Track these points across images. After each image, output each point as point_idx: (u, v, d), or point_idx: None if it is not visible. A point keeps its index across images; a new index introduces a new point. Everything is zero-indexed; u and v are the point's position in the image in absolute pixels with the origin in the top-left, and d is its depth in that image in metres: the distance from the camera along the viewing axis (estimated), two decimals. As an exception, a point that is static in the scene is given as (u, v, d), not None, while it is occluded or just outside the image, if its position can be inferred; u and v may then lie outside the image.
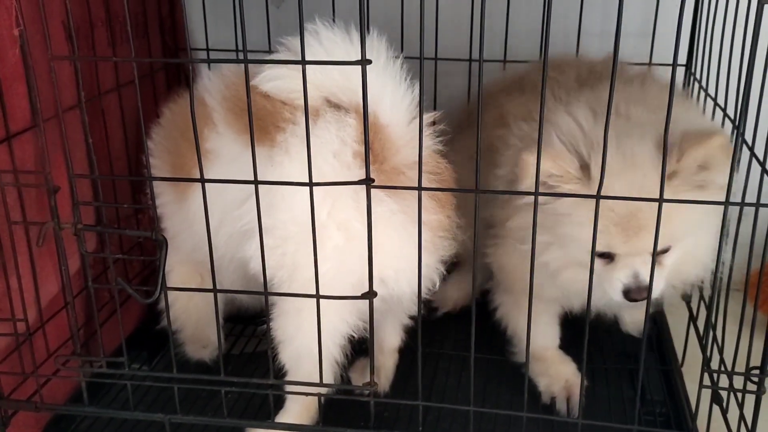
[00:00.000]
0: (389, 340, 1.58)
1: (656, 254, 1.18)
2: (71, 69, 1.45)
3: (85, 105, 1.21)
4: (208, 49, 1.95)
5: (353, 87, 1.19)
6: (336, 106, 1.25)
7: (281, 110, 1.26)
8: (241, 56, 1.09)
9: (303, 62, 1.08)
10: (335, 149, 1.22)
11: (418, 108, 1.16)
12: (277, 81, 1.23)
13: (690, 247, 1.35)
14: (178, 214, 1.45)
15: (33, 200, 1.39)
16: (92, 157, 1.24)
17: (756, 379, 1.19)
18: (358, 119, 1.22)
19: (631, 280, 1.30)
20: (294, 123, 1.24)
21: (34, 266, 1.38)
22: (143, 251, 1.80)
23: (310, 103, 1.11)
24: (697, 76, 1.74)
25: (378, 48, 1.22)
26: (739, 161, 1.28)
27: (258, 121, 1.23)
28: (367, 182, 1.14)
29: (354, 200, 1.22)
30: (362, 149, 1.16)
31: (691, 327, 1.64)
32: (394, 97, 1.22)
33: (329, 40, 1.21)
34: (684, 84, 1.84)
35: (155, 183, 1.26)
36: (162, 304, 1.43)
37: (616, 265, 1.32)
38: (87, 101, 1.56)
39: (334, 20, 1.22)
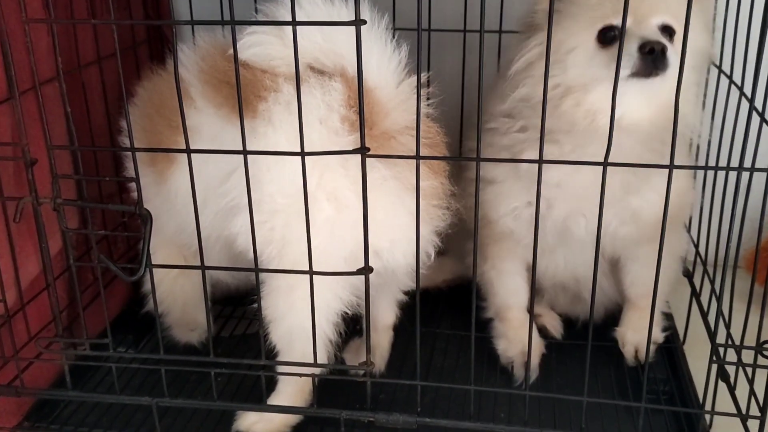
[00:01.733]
0: (384, 317, 1.52)
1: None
2: (49, 40, 1.38)
3: (64, 78, 1.14)
4: (192, 21, 1.88)
5: (338, 50, 1.15)
6: (319, 72, 1.19)
7: (261, 79, 1.21)
8: (227, 29, 1.04)
9: (294, 23, 1.02)
10: (322, 115, 1.17)
11: (416, 77, 1.12)
12: (256, 48, 1.18)
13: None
14: (159, 195, 1.38)
15: (11, 175, 1.32)
16: (71, 127, 1.17)
17: (768, 353, 1.15)
18: (343, 83, 1.18)
19: (645, 39, 1.23)
20: (276, 91, 1.19)
21: (13, 244, 1.31)
22: (127, 229, 1.74)
23: (291, 68, 1.06)
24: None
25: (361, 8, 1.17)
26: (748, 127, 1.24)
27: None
28: (362, 151, 1.09)
29: (343, 168, 1.17)
30: (350, 114, 1.13)
31: (694, 304, 1.60)
32: (380, 59, 1.18)
33: (310, 3, 1.15)
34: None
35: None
36: (147, 285, 1.41)
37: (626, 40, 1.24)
38: (66, 73, 1.50)
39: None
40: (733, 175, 1.14)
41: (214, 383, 1.31)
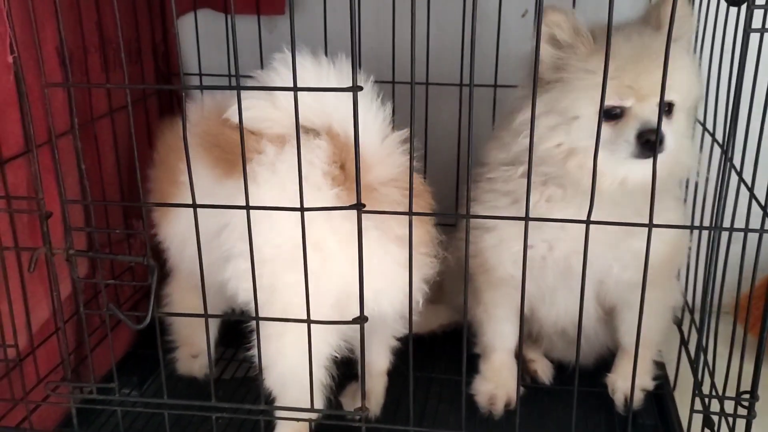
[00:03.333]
0: (377, 363, 1.57)
1: (663, 108, 1.18)
2: (65, 95, 1.46)
3: (78, 131, 1.21)
4: (201, 74, 1.96)
5: (325, 109, 1.23)
6: (304, 130, 1.26)
7: (247, 141, 1.25)
8: (233, 81, 1.11)
9: (295, 89, 1.09)
10: (304, 172, 1.20)
11: (400, 132, 1.23)
12: (248, 111, 1.23)
13: (682, 123, 1.38)
14: (174, 242, 1.48)
15: (24, 225, 1.39)
16: (84, 182, 1.24)
17: (746, 404, 1.19)
18: (327, 139, 1.26)
19: (645, 126, 1.30)
20: (259, 152, 1.26)
21: (26, 292, 1.37)
22: (134, 275, 1.80)
23: (278, 130, 1.17)
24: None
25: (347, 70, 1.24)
26: (727, 186, 1.30)
27: (228, 154, 1.26)
28: (358, 207, 1.15)
29: (327, 219, 1.23)
30: (332, 169, 1.22)
31: (683, 351, 1.64)
32: (365, 116, 1.23)
33: (301, 66, 1.21)
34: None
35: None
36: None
37: (627, 120, 1.33)
38: (80, 126, 1.58)
39: (326, 46, 1.24)
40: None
41: (216, 426, 1.36)
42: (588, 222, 1.14)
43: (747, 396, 1.19)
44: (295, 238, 1.19)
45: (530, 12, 1.89)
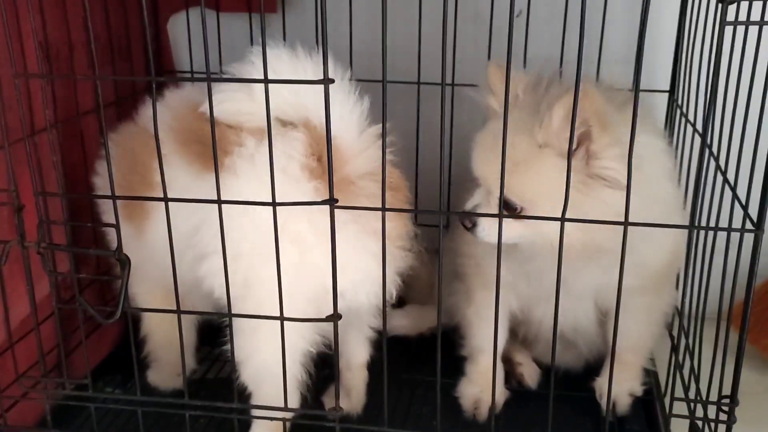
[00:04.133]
0: (356, 356, 1.55)
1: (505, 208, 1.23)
2: (49, 89, 1.46)
3: (63, 126, 1.21)
4: (192, 72, 1.96)
5: (303, 102, 1.22)
6: (281, 123, 1.26)
7: (227, 134, 1.27)
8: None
9: (266, 81, 1.08)
10: (282, 164, 1.22)
11: (377, 127, 1.20)
12: (226, 104, 1.24)
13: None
14: (139, 248, 1.40)
15: (4, 220, 1.38)
16: (60, 175, 1.23)
17: (727, 409, 1.16)
18: (305, 132, 1.25)
19: (469, 205, 1.32)
20: (239, 145, 1.26)
21: (4, 286, 1.37)
22: (112, 274, 1.78)
23: (257, 123, 1.15)
24: (679, 102, 1.73)
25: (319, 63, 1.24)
26: (713, 187, 1.27)
27: (207, 147, 1.23)
28: (331, 202, 1.13)
29: (305, 213, 1.21)
30: (310, 161, 1.20)
31: (673, 356, 1.61)
32: (342, 109, 1.23)
33: (276, 58, 1.21)
34: (667, 110, 1.83)
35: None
36: (143, 329, 1.55)
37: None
38: (64, 122, 1.58)
39: (321, 42, 1.23)
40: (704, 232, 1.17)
41: (190, 424, 1.34)
42: (563, 219, 1.12)
43: (727, 401, 1.16)
44: (270, 232, 1.17)
45: (524, 13, 1.87)
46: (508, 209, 1.30)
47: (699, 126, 1.52)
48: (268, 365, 1.26)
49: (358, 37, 1.83)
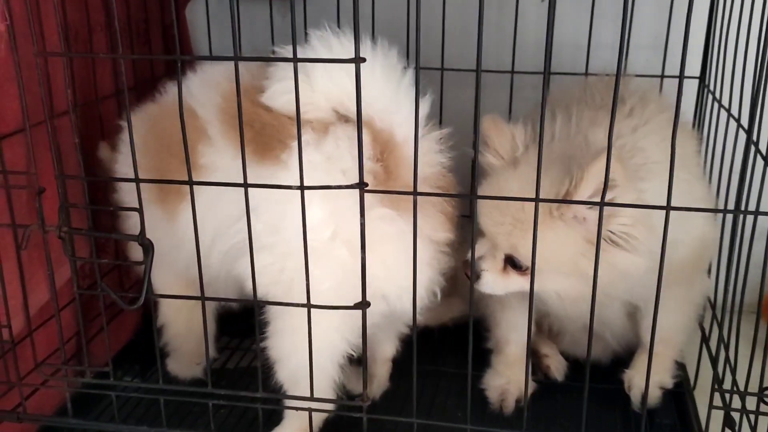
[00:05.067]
0: (384, 351, 1.52)
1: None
2: (67, 73, 1.43)
3: (82, 110, 1.17)
4: (211, 57, 1.93)
5: (366, 98, 1.06)
6: (346, 121, 1.20)
7: (287, 125, 1.20)
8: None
9: (295, 60, 1.04)
10: (345, 167, 1.17)
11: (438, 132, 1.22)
12: (288, 95, 1.11)
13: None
14: (169, 233, 1.36)
15: (23, 204, 1.35)
16: (79, 157, 1.20)
17: (769, 400, 1.13)
18: (370, 134, 1.18)
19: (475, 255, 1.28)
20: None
21: (22, 271, 1.34)
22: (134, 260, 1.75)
23: (317, 114, 1.13)
24: (711, 88, 1.69)
25: (390, 56, 1.20)
26: (752, 171, 1.23)
27: (262, 137, 1.20)
28: (361, 186, 1.10)
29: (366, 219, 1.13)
30: (375, 167, 1.16)
31: (704, 348, 1.58)
32: (410, 112, 1.13)
33: (324, 43, 1.17)
34: (697, 96, 1.79)
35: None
36: (161, 319, 1.51)
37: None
38: (84, 105, 1.55)
39: (338, 26, 1.19)
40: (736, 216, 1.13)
41: (213, 414, 1.31)
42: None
43: (770, 392, 1.12)
44: (325, 234, 1.17)
45: (548, -2, 1.83)
46: (514, 267, 1.31)
47: (734, 111, 1.49)
48: (307, 365, 1.21)
49: (381, 18, 1.79)
